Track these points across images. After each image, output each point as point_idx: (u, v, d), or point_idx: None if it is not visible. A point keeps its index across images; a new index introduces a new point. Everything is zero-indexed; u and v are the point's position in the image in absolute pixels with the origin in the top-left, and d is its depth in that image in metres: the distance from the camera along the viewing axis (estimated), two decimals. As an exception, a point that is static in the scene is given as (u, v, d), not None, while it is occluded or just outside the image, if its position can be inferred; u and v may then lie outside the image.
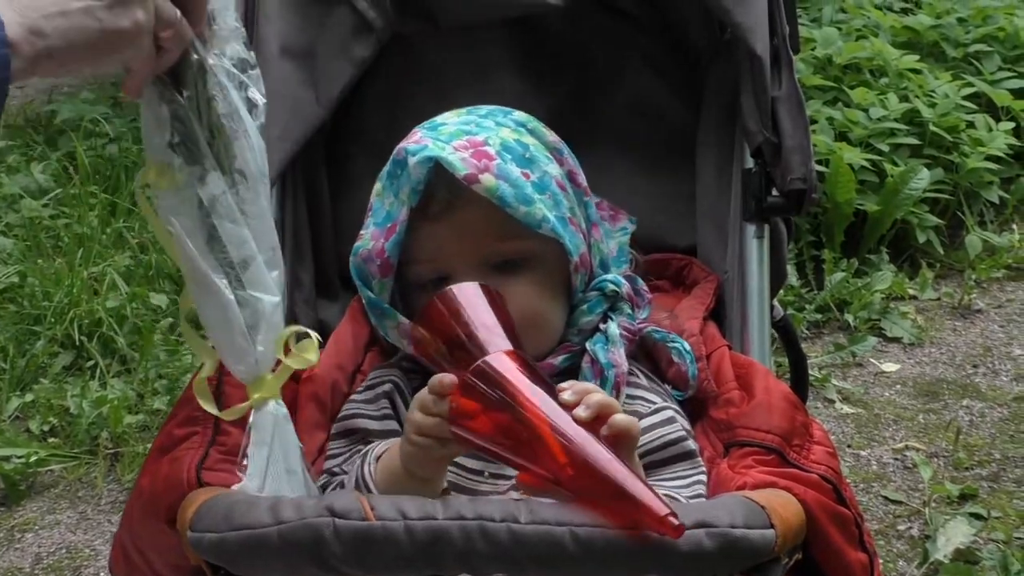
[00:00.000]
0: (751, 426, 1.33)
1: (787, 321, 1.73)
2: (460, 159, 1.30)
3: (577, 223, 1.37)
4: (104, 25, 1.13)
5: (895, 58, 4.42)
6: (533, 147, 1.36)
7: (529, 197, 1.31)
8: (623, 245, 1.51)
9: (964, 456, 2.99)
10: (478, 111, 1.41)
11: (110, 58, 1.17)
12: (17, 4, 1.09)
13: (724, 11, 1.59)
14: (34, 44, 1.07)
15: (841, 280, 3.71)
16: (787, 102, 1.57)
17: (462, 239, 1.33)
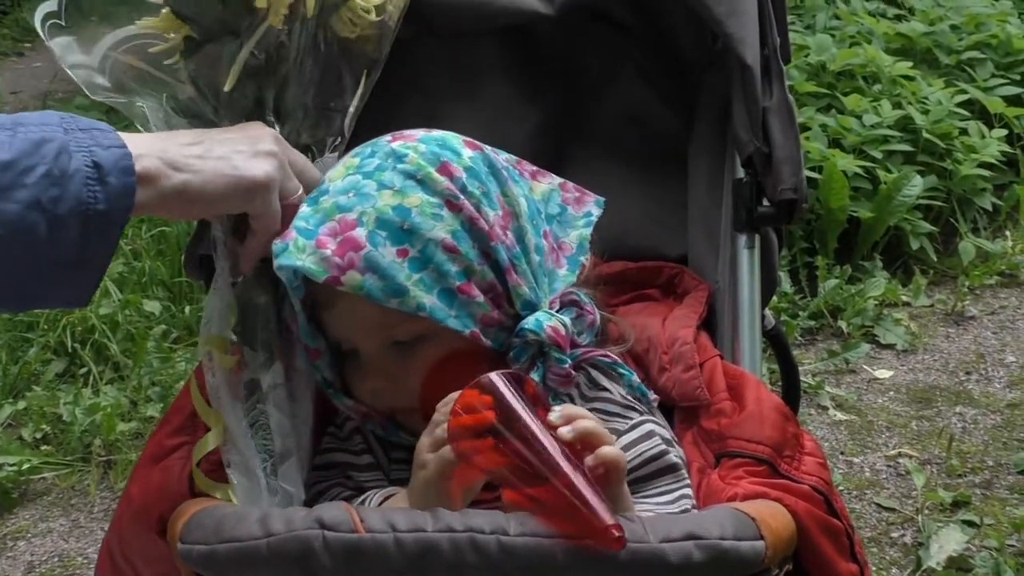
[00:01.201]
0: (742, 437, 1.33)
1: (779, 330, 1.73)
2: (320, 260, 1.24)
3: (476, 283, 1.28)
4: (239, 172, 1.17)
5: (888, 65, 4.43)
6: (416, 210, 1.26)
7: (400, 287, 1.24)
8: (583, 238, 1.43)
9: (957, 463, 3.00)
10: (369, 162, 1.31)
11: (237, 205, 1.21)
12: (159, 142, 1.13)
13: (716, 22, 1.59)
14: (169, 178, 1.10)
15: (835, 287, 3.71)
16: (778, 112, 1.57)
17: (354, 326, 1.30)
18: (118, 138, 1.07)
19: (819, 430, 3.18)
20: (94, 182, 1.02)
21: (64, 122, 1.05)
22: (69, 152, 1.02)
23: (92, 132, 1.06)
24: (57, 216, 1.00)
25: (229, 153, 1.17)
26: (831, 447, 3.12)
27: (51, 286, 1.05)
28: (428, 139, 1.35)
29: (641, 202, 1.65)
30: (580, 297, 1.38)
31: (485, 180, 1.32)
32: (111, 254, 1.07)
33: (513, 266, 1.30)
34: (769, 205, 1.58)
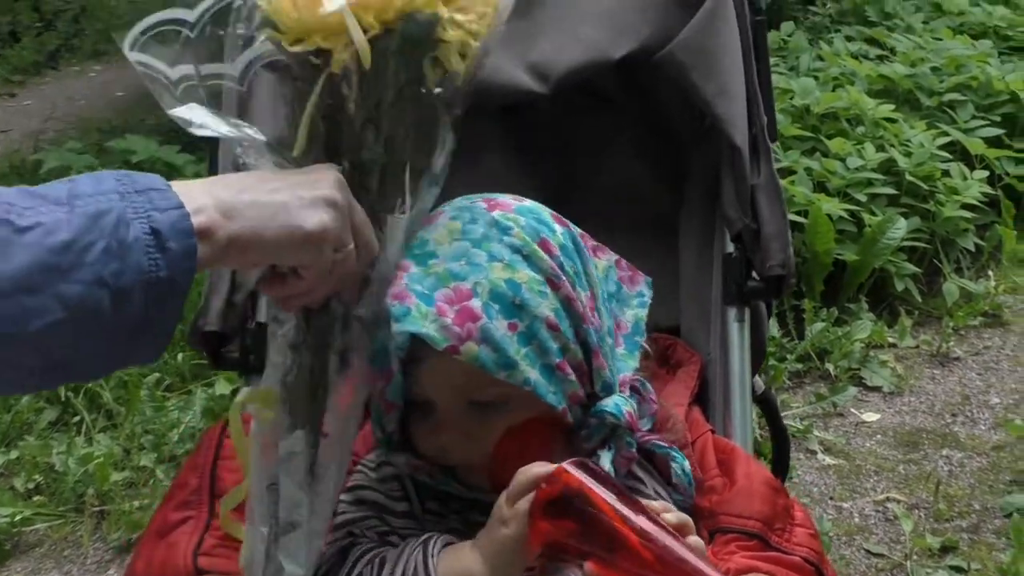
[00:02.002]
0: (732, 512, 1.36)
1: (768, 395, 1.77)
2: (441, 328, 1.24)
3: (569, 361, 1.30)
4: (294, 221, 1.12)
5: (871, 108, 4.50)
6: (525, 285, 1.27)
7: (511, 360, 1.25)
8: (639, 319, 1.45)
9: (944, 507, 3.03)
10: (473, 229, 1.31)
11: (288, 256, 1.15)
12: (215, 189, 1.09)
13: (705, 103, 1.63)
14: (224, 228, 1.07)
15: (821, 329, 3.76)
16: (766, 190, 1.61)
17: (441, 384, 1.30)
18: (174, 197, 1.04)
19: (808, 475, 3.22)
20: (154, 249, 1.00)
21: (121, 185, 1.02)
22: (127, 221, 1.00)
23: (149, 193, 1.03)
24: (120, 289, 0.98)
25: (287, 199, 1.12)
26: (820, 492, 3.15)
27: (119, 354, 1.04)
28: (524, 211, 1.35)
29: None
30: (644, 384, 1.41)
31: (574, 259, 1.34)
32: (179, 315, 1.05)
33: (599, 348, 1.33)
34: (758, 280, 1.62)
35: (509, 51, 1.70)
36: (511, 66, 1.70)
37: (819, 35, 5.77)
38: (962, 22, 5.74)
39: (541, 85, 1.71)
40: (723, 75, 1.64)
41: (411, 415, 1.34)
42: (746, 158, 1.60)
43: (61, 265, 0.96)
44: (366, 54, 1.16)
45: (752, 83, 1.67)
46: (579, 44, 1.71)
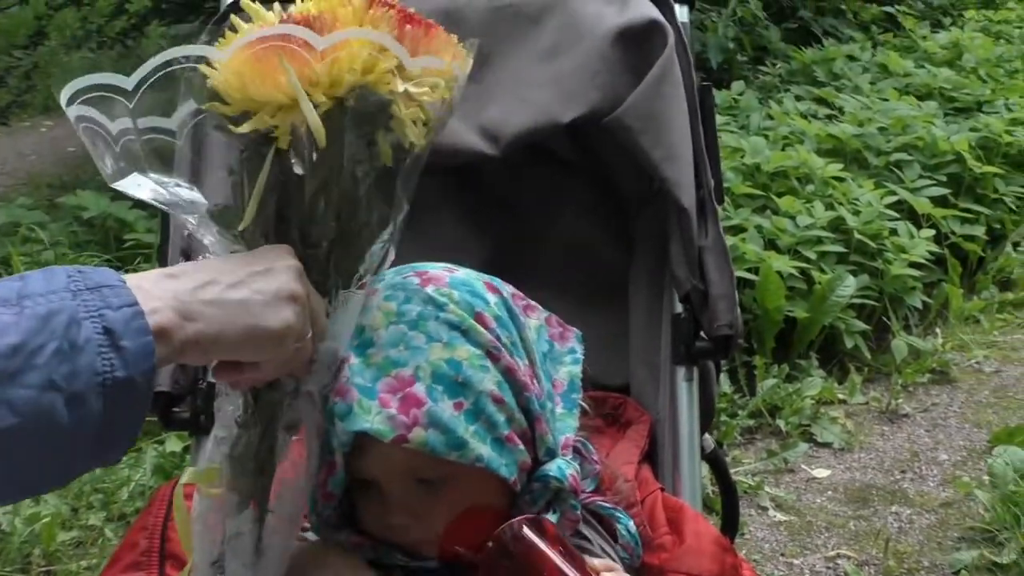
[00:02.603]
0: (682, 570, 1.37)
1: (718, 453, 1.78)
2: (387, 419, 1.23)
3: (515, 431, 1.29)
4: (257, 321, 1.08)
5: (820, 166, 4.57)
6: (467, 362, 1.27)
7: (460, 440, 1.24)
8: (574, 376, 1.45)
9: (894, 564, 3.05)
10: (408, 310, 1.29)
11: (250, 354, 1.11)
12: (170, 285, 1.05)
13: (653, 167, 1.66)
14: (184, 329, 1.03)
15: (772, 386, 3.79)
16: (713, 251, 1.64)
17: (390, 470, 1.28)
18: (128, 294, 1.00)
19: (759, 531, 3.23)
20: (108, 349, 0.96)
21: (72, 282, 0.98)
22: (79, 321, 0.96)
23: (101, 291, 0.99)
24: (74, 392, 0.94)
25: (247, 297, 1.08)
26: (771, 548, 3.16)
27: (79, 460, 0.99)
28: (457, 283, 1.34)
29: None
30: (585, 445, 1.41)
31: (509, 328, 1.34)
32: (142, 416, 1.00)
33: (541, 414, 1.32)
34: (706, 340, 1.64)
35: (460, 113, 1.72)
36: (462, 128, 1.72)
37: (769, 94, 5.87)
38: (908, 83, 5.88)
39: (492, 147, 1.73)
40: (670, 139, 1.66)
41: (355, 493, 1.33)
42: (693, 220, 1.63)
43: (8, 369, 0.92)
44: (320, 134, 1.13)
45: (699, 146, 1.70)
46: (529, 108, 1.73)
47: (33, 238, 4.52)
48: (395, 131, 1.19)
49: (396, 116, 1.18)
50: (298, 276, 1.14)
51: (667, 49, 1.70)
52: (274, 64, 1.12)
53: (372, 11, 1.17)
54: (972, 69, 6.10)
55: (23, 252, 4.34)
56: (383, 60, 1.15)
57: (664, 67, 1.68)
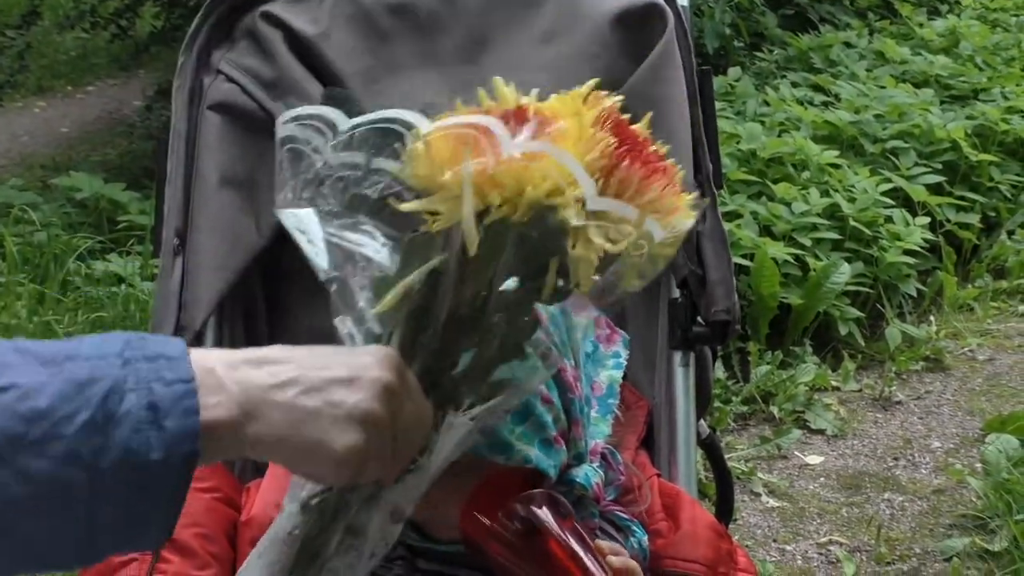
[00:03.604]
0: (677, 556, 1.37)
1: (713, 439, 1.78)
2: None
3: (559, 431, 1.25)
4: (321, 437, 0.96)
5: (816, 153, 4.57)
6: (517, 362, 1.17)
7: (506, 444, 1.20)
8: (614, 380, 1.41)
9: (886, 551, 3.06)
10: None
11: (307, 468, 1.01)
12: (244, 375, 0.94)
13: (651, 150, 1.65)
14: (241, 427, 0.92)
15: (766, 372, 3.80)
16: (711, 237, 1.64)
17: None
18: (186, 369, 0.89)
19: (752, 517, 3.24)
20: (148, 426, 0.86)
21: (128, 347, 0.89)
22: (122, 392, 0.86)
23: (157, 361, 0.89)
24: (100, 470, 0.84)
25: (319, 408, 0.96)
26: (764, 534, 3.17)
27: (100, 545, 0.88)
28: None
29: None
30: (613, 454, 1.39)
31: (560, 327, 1.29)
32: (177, 506, 0.89)
33: (580, 418, 1.29)
34: (703, 325, 1.63)
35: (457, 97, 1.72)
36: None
37: (765, 81, 5.86)
38: (904, 71, 5.87)
39: None
40: (669, 123, 1.66)
41: None
42: (692, 205, 1.62)
43: (29, 436, 0.82)
44: (472, 237, 1.01)
45: (698, 131, 1.69)
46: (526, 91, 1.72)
47: (26, 219, 4.50)
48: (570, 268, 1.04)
49: (569, 251, 1.02)
50: (383, 395, 1.00)
51: (667, 33, 1.69)
52: (458, 152, 1.02)
53: (595, 131, 1.05)
54: (969, 57, 6.09)
55: (15, 233, 4.33)
56: (575, 188, 1.01)
57: (664, 51, 1.67)
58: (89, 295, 3.97)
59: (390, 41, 1.75)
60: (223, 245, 1.63)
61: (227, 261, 1.63)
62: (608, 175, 1.03)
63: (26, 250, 4.24)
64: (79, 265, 4.17)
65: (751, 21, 6.50)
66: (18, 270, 4.08)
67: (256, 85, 1.70)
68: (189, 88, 1.72)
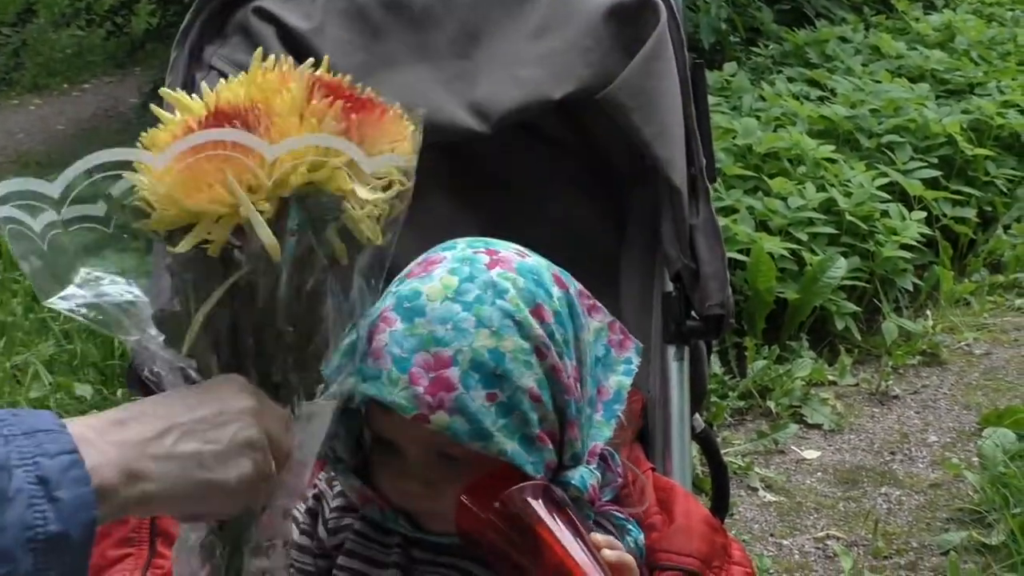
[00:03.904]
0: (671, 550, 1.37)
1: (708, 434, 1.78)
2: (412, 397, 1.20)
3: (546, 431, 1.26)
4: (210, 476, 0.99)
5: (812, 148, 4.56)
6: (510, 355, 1.23)
7: (486, 431, 1.21)
8: (623, 387, 1.40)
9: (883, 545, 3.06)
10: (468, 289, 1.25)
11: (202, 508, 1.04)
12: (117, 437, 0.95)
13: (644, 144, 1.65)
14: (130, 489, 0.93)
15: (763, 367, 3.79)
16: (704, 230, 1.64)
17: (412, 438, 1.26)
18: (67, 440, 0.91)
19: (749, 512, 3.24)
20: (41, 500, 0.86)
21: (5, 426, 0.90)
22: (9, 469, 0.86)
23: (36, 435, 0.90)
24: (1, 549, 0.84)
25: (199, 449, 0.99)
26: (761, 529, 3.17)
27: None
28: (524, 270, 1.30)
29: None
30: (612, 456, 1.38)
31: (567, 326, 1.30)
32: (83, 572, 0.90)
33: (576, 420, 1.29)
34: (697, 319, 1.63)
35: (450, 90, 1.72)
36: (452, 105, 1.71)
37: (761, 76, 5.86)
38: (900, 65, 5.86)
39: (482, 124, 1.72)
40: (662, 117, 1.66)
41: (374, 448, 1.31)
42: (685, 199, 1.63)
43: None
44: (275, 250, 1.03)
45: (691, 124, 1.69)
46: (520, 85, 1.72)
47: (22, 216, 4.49)
48: (351, 230, 1.09)
49: (348, 213, 1.07)
50: (254, 417, 1.04)
51: (659, 26, 1.69)
52: (210, 173, 1.01)
53: (314, 102, 1.06)
54: (964, 51, 6.08)
55: (11, 230, 4.32)
56: (332, 156, 1.05)
57: (656, 44, 1.67)
58: (85, 292, 3.96)
59: (383, 36, 1.74)
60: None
61: (220, 256, 1.62)
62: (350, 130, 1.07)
63: (22, 247, 4.23)
64: (75, 262, 4.16)
65: (747, 16, 6.50)
66: (13, 267, 4.07)
67: None
68: (181, 84, 1.72)
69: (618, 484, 1.39)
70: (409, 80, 1.72)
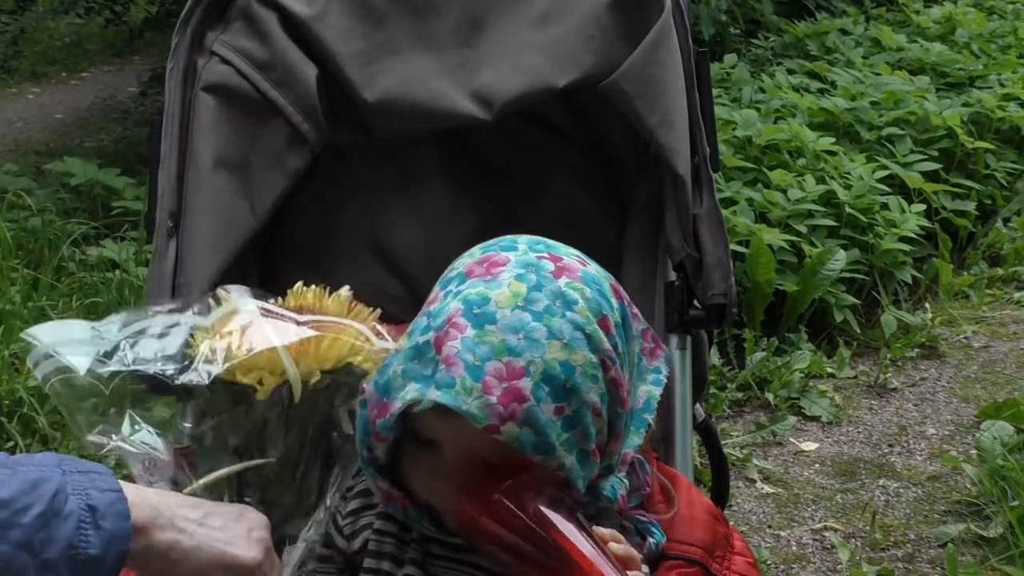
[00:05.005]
0: (675, 539, 1.37)
1: (709, 423, 1.77)
2: (485, 406, 1.19)
3: (600, 448, 1.27)
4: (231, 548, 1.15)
5: (812, 140, 4.56)
6: (580, 369, 1.22)
7: (550, 445, 1.21)
8: (652, 397, 1.39)
9: (880, 536, 3.06)
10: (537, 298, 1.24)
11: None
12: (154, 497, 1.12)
13: (648, 132, 1.65)
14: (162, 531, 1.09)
15: (762, 359, 3.79)
16: (708, 220, 1.63)
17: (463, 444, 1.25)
18: (115, 482, 1.06)
19: (747, 503, 3.24)
20: (88, 525, 1.01)
21: (63, 463, 1.04)
22: (66, 494, 1.01)
23: (90, 475, 1.05)
24: (46, 560, 0.97)
25: (226, 525, 1.15)
26: (759, 520, 3.17)
27: None
28: (589, 280, 1.29)
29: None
30: (642, 464, 1.38)
31: (625, 338, 1.30)
32: None
33: (621, 433, 1.29)
34: (700, 308, 1.63)
35: (452, 78, 1.71)
36: (454, 92, 1.70)
37: (761, 68, 5.85)
38: (900, 58, 5.86)
39: (484, 112, 1.71)
40: (666, 105, 1.65)
41: (408, 445, 1.30)
42: (688, 187, 1.62)
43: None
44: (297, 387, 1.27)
45: (695, 113, 1.69)
46: (523, 72, 1.71)
47: (20, 204, 4.48)
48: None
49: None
50: (266, 527, 1.22)
51: (663, 14, 1.68)
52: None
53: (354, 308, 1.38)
54: (965, 44, 6.08)
55: (10, 219, 4.31)
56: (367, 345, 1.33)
57: (660, 32, 1.67)
58: (83, 280, 3.96)
59: (386, 23, 1.74)
60: (217, 228, 1.62)
61: (221, 243, 1.62)
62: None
63: (20, 235, 4.23)
64: (73, 251, 4.16)
65: (747, 8, 6.49)
66: (12, 255, 4.06)
67: (251, 67, 1.70)
68: (183, 70, 1.71)
69: (645, 492, 1.39)
70: (411, 67, 1.72)
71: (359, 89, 1.69)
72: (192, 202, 1.63)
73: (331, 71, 1.70)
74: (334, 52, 1.70)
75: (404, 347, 1.26)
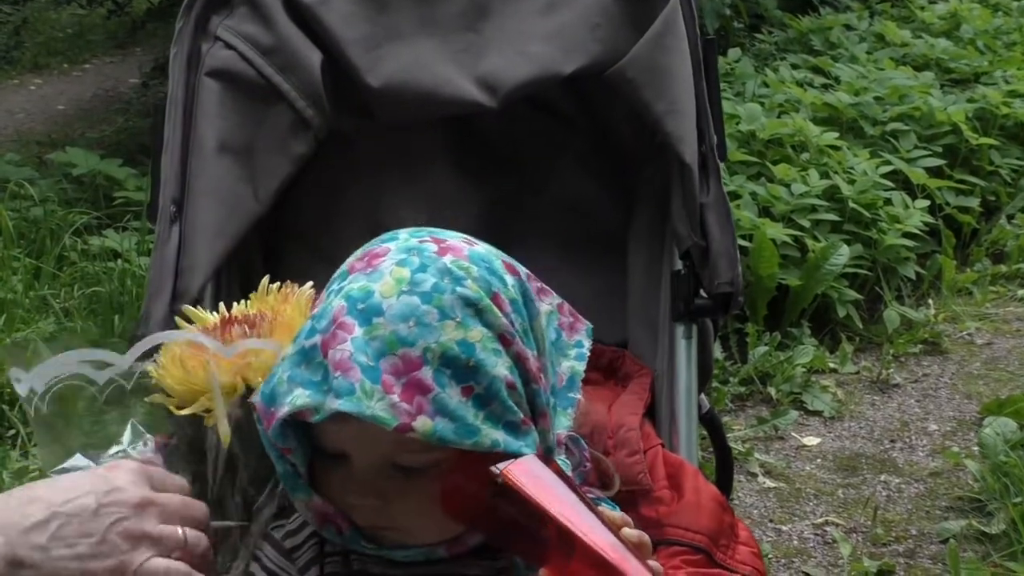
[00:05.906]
0: (680, 525, 1.36)
1: (713, 415, 1.77)
2: (389, 407, 1.12)
3: (526, 416, 1.20)
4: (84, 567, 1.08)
5: (816, 135, 4.55)
6: (479, 344, 1.16)
7: (471, 427, 1.14)
8: (576, 372, 1.34)
9: (882, 532, 3.05)
10: (423, 280, 1.17)
11: None
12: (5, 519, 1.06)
13: (655, 120, 1.64)
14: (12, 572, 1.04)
15: (764, 353, 3.79)
16: (715, 208, 1.63)
17: (369, 449, 1.19)
18: None
19: (749, 497, 3.23)
20: None
21: None
22: None
23: None
24: None
25: (77, 538, 1.07)
26: (760, 514, 3.16)
27: None
28: (476, 258, 1.22)
29: (581, 289, 1.67)
30: (576, 441, 1.34)
31: (523, 314, 1.23)
32: None
33: (545, 410, 1.23)
34: (706, 297, 1.62)
35: (458, 64, 1.70)
36: (459, 78, 1.69)
37: (765, 62, 5.84)
38: (905, 53, 5.85)
39: (490, 98, 1.69)
40: (673, 93, 1.64)
41: (318, 460, 1.23)
42: (695, 176, 1.61)
43: None
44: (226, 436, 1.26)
45: (702, 101, 1.68)
46: (529, 59, 1.70)
47: (22, 194, 4.48)
48: None
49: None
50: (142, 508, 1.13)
51: (670, 2, 1.67)
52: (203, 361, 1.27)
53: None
54: (970, 40, 6.06)
55: (12, 209, 4.31)
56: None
57: (667, 20, 1.66)
58: (85, 270, 3.96)
59: (390, 7, 1.73)
60: (221, 212, 1.62)
61: (225, 228, 1.62)
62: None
63: (22, 225, 4.23)
64: (75, 240, 4.16)
65: (751, 2, 6.48)
66: (14, 245, 4.07)
67: (255, 52, 1.69)
68: (187, 55, 1.70)
69: (585, 469, 1.35)
70: (416, 52, 1.71)
71: (363, 74, 1.68)
72: (195, 187, 1.63)
73: (335, 56, 1.69)
74: (338, 37, 1.69)
75: (289, 352, 1.18)
